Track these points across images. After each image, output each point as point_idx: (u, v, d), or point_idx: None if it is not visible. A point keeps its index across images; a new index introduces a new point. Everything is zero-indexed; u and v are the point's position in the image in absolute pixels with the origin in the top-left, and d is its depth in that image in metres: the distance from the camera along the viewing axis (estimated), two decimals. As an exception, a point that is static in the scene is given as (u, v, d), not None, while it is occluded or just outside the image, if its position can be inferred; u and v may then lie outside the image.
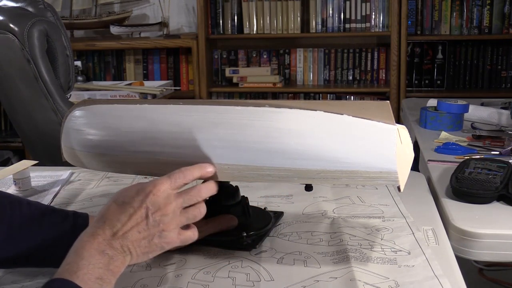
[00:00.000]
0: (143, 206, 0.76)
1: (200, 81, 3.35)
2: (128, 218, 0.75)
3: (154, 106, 0.89)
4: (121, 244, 0.74)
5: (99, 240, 0.73)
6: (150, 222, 0.75)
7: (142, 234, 0.75)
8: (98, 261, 0.72)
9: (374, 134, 0.79)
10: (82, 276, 0.69)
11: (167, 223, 0.76)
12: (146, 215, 0.75)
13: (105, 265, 0.72)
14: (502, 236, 0.99)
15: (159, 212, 0.76)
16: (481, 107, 1.84)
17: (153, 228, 0.76)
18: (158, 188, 0.77)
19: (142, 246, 0.75)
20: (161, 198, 0.76)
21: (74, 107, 0.95)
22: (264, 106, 0.83)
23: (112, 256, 0.73)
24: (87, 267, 0.70)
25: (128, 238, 0.74)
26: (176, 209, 0.77)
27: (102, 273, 0.71)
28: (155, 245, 0.76)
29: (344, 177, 0.79)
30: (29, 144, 2.03)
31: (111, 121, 0.90)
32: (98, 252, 0.72)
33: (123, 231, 0.75)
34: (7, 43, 1.77)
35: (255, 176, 0.81)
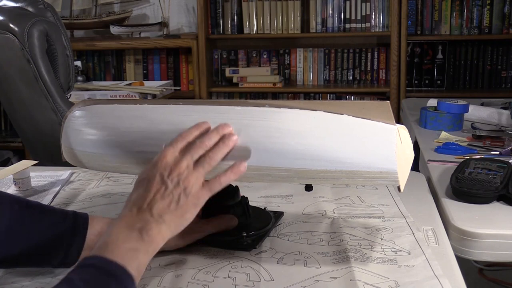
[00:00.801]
0: (156, 174, 0.77)
1: (200, 81, 3.35)
2: (147, 190, 0.76)
3: (154, 106, 0.89)
4: (150, 214, 0.74)
5: (126, 219, 0.74)
6: (169, 185, 0.76)
7: (167, 199, 0.75)
8: (127, 236, 0.71)
9: (374, 134, 0.79)
10: (111, 250, 0.69)
11: (186, 179, 0.77)
12: (162, 180, 0.76)
13: (136, 238, 0.71)
14: (502, 236, 0.99)
15: (173, 172, 0.76)
16: (481, 107, 1.84)
17: (174, 189, 0.76)
18: (164, 154, 0.78)
19: (173, 210, 0.75)
20: (170, 160, 0.77)
21: (74, 107, 0.95)
22: (264, 106, 0.83)
23: (142, 227, 0.72)
24: (116, 242, 0.70)
25: (155, 207, 0.74)
26: (189, 164, 0.78)
27: (134, 245, 0.71)
28: (186, 205, 0.76)
29: (344, 177, 0.79)
30: (29, 144, 2.03)
31: (111, 121, 0.90)
32: (126, 228, 0.72)
33: (147, 203, 0.75)
34: (7, 43, 1.77)
35: (255, 176, 0.81)
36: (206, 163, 0.78)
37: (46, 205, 0.90)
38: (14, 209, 0.84)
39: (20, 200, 0.87)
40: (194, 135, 0.81)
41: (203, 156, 0.79)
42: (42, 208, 0.87)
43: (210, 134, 0.80)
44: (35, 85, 1.78)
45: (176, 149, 0.79)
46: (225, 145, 0.80)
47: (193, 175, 0.77)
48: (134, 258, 0.70)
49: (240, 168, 0.79)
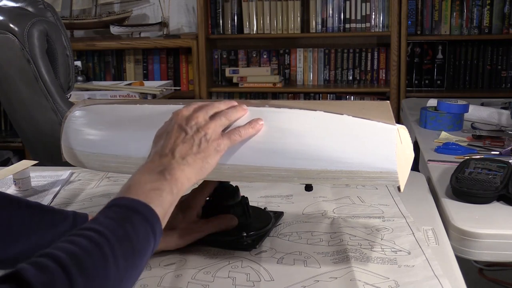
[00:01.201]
0: (175, 124, 0.79)
1: (200, 81, 3.35)
2: (167, 139, 0.77)
3: (154, 106, 0.89)
4: (172, 157, 0.75)
5: (148, 166, 0.75)
6: (189, 131, 0.78)
7: (188, 143, 0.77)
8: (148, 178, 0.72)
9: (374, 134, 0.79)
10: (134, 191, 0.69)
11: (205, 126, 0.78)
12: (181, 128, 0.78)
13: (159, 178, 0.72)
14: (502, 236, 0.99)
15: (191, 121, 0.79)
16: (481, 107, 1.84)
17: (195, 134, 0.78)
18: (181, 110, 0.81)
19: (195, 152, 0.76)
20: (186, 113, 0.80)
21: (74, 107, 0.95)
22: (264, 106, 0.83)
23: (164, 168, 0.73)
24: (138, 184, 0.71)
25: (177, 150, 0.76)
26: (206, 116, 0.80)
27: (157, 185, 0.71)
28: (207, 149, 0.77)
29: (344, 177, 0.79)
30: (29, 144, 2.03)
31: (111, 121, 0.90)
32: (148, 173, 0.73)
33: (168, 149, 0.76)
34: (7, 43, 1.77)
35: (255, 176, 0.81)
36: (222, 115, 0.81)
37: (46, 205, 0.90)
38: (14, 209, 0.84)
39: (20, 200, 0.87)
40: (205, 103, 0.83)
41: (218, 112, 0.81)
42: (42, 208, 0.87)
43: (220, 102, 0.83)
44: (35, 85, 1.78)
45: (190, 108, 0.81)
46: (237, 109, 0.82)
47: (211, 124, 0.79)
48: (157, 196, 0.70)
49: (258, 123, 0.81)
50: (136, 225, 0.65)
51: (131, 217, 0.66)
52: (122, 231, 0.64)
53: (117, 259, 0.61)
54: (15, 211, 0.84)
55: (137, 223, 0.66)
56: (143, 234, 0.66)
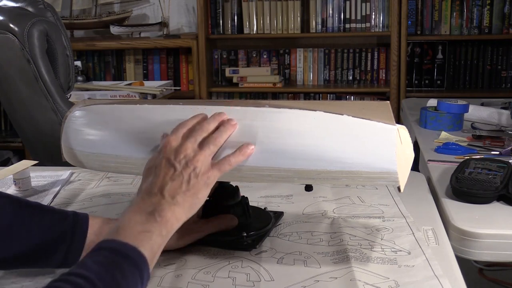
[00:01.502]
0: (163, 158, 0.77)
1: (200, 81, 3.35)
2: (156, 176, 0.76)
3: (154, 106, 0.89)
4: (161, 196, 0.74)
5: (137, 205, 0.73)
6: (177, 167, 0.76)
7: (177, 180, 0.75)
8: (139, 219, 0.71)
9: (374, 134, 0.79)
10: (123, 233, 0.68)
11: (194, 159, 0.77)
12: (170, 164, 0.76)
13: (149, 220, 0.71)
14: (502, 236, 0.99)
15: (179, 155, 0.77)
16: (481, 107, 1.84)
17: (183, 170, 0.76)
18: (167, 140, 0.79)
19: (185, 190, 0.75)
20: (174, 145, 0.78)
21: (74, 107, 0.95)
22: (264, 106, 0.83)
23: (154, 209, 0.72)
24: (128, 226, 0.70)
25: (166, 189, 0.74)
26: (194, 146, 0.78)
27: (147, 227, 0.70)
28: (197, 184, 0.76)
29: (344, 177, 0.79)
30: (29, 144, 2.03)
31: (111, 121, 0.90)
32: (138, 213, 0.72)
33: (158, 187, 0.75)
34: (7, 43, 1.77)
35: (255, 176, 0.81)
36: (211, 143, 0.79)
37: (46, 205, 0.90)
38: (14, 209, 0.84)
39: (20, 200, 0.86)
40: (193, 122, 0.82)
41: (207, 137, 0.80)
42: (42, 208, 0.87)
43: (209, 120, 0.82)
44: (35, 85, 1.78)
45: (179, 135, 0.79)
46: (226, 128, 0.81)
47: (200, 155, 0.77)
48: (147, 239, 0.69)
49: (248, 149, 0.80)
50: (125, 271, 0.65)
51: (120, 263, 0.65)
52: (110, 277, 0.63)
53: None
54: (16, 211, 0.83)
55: (126, 269, 0.65)
56: (132, 281, 0.65)
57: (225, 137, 0.80)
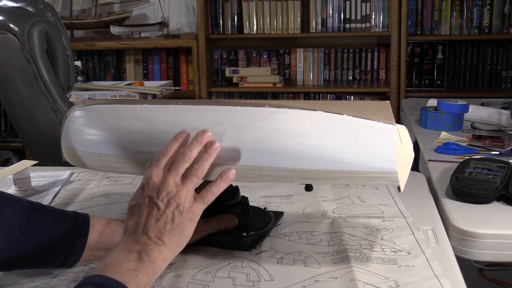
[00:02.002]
0: (145, 196, 0.76)
1: (200, 81, 3.35)
2: (140, 216, 0.75)
3: (154, 106, 0.89)
4: (147, 238, 0.73)
5: (125, 245, 0.73)
6: (161, 206, 0.75)
7: (161, 220, 0.74)
8: (126, 258, 0.70)
9: (374, 134, 0.79)
10: (110, 270, 0.68)
11: (176, 196, 0.75)
12: (153, 202, 0.75)
13: (136, 259, 0.70)
14: (502, 236, 0.99)
15: (162, 192, 0.75)
16: (481, 107, 1.84)
17: (167, 208, 0.75)
18: (149, 176, 0.77)
19: (170, 229, 0.74)
20: (156, 181, 0.76)
21: (74, 107, 0.95)
22: (264, 106, 0.83)
23: (141, 249, 0.72)
24: (115, 263, 0.69)
25: (151, 230, 0.73)
26: (177, 180, 0.76)
27: (134, 266, 0.70)
28: (182, 222, 0.75)
29: (344, 177, 0.79)
30: (29, 144, 2.03)
31: (111, 121, 0.90)
32: (125, 252, 0.71)
33: (142, 227, 0.74)
34: (7, 43, 1.77)
35: (255, 176, 0.81)
36: (193, 176, 0.77)
37: (46, 205, 0.90)
38: (16, 209, 0.83)
39: (20, 200, 0.86)
40: (174, 148, 0.79)
41: (189, 168, 0.78)
42: (43, 208, 0.87)
43: (191, 145, 0.79)
44: (35, 85, 1.78)
45: (160, 167, 0.77)
46: (209, 154, 0.78)
47: (183, 190, 0.76)
48: (133, 277, 0.69)
49: (229, 176, 0.79)
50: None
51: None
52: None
53: None
54: (17, 211, 0.83)
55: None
56: None
57: (207, 165, 0.78)
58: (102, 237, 0.88)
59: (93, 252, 0.88)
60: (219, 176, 0.79)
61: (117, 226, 0.90)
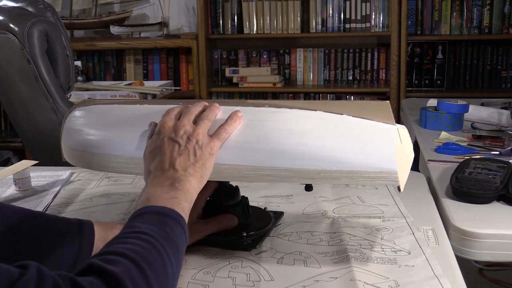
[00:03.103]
0: (164, 137, 0.80)
1: (200, 81, 3.35)
2: (162, 154, 0.79)
3: (154, 106, 0.89)
4: (175, 171, 0.77)
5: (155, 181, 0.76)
6: (181, 142, 0.79)
7: (184, 154, 0.78)
8: (162, 190, 0.74)
9: (374, 134, 0.79)
10: (154, 201, 0.72)
11: (194, 133, 0.80)
12: (173, 141, 0.79)
13: (172, 189, 0.74)
14: (502, 236, 0.99)
15: (179, 131, 0.80)
16: (481, 107, 1.84)
17: (188, 144, 0.79)
18: (163, 121, 0.82)
19: (193, 162, 0.78)
20: (171, 124, 0.81)
21: (74, 107, 0.95)
22: (264, 106, 0.83)
23: (173, 182, 0.75)
24: (155, 196, 0.73)
25: (176, 163, 0.77)
26: (190, 122, 0.81)
27: (173, 194, 0.73)
28: (203, 155, 0.79)
29: (344, 177, 0.79)
30: (29, 144, 2.03)
31: (111, 121, 0.90)
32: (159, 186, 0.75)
33: (168, 164, 0.77)
34: (7, 43, 1.77)
35: (255, 176, 0.81)
36: (204, 118, 0.82)
37: (50, 214, 0.89)
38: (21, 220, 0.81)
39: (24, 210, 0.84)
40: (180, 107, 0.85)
41: (197, 115, 0.83)
42: (46, 217, 0.85)
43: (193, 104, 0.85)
44: (35, 85, 1.78)
45: (171, 116, 0.83)
46: (211, 109, 0.84)
47: (198, 129, 0.81)
48: (177, 203, 0.72)
49: (237, 115, 0.83)
50: (172, 227, 0.68)
51: (165, 220, 0.69)
52: (164, 232, 0.67)
53: (170, 257, 0.65)
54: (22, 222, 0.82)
55: (172, 225, 0.69)
56: (179, 234, 0.69)
57: (214, 114, 0.84)
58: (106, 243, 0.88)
59: None
60: (229, 117, 0.83)
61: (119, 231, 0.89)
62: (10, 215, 0.82)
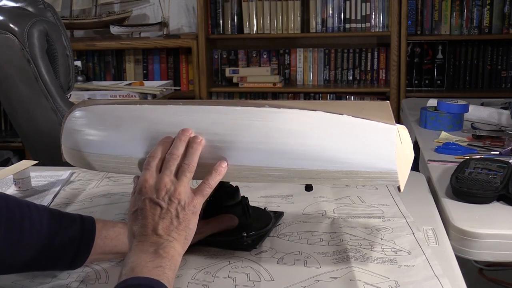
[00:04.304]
0: (145, 199, 0.77)
1: (200, 81, 3.35)
2: (145, 217, 0.76)
3: (154, 106, 0.89)
4: (158, 236, 0.75)
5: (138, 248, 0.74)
6: (163, 204, 0.76)
7: (167, 217, 0.76)
8: (147, 258, 0.72)
9: (374, 134, 0.79)
10: (140, 271, 0.70)
11: (176, 192, 0.77)
12: (154, 203, 0.77)
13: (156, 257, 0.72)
14: (502, 236, 0.99)
15: (161, 192, 0.77)
16: (481, 107, 1.84)
17: (170, 206, 0.76)
18: (144, 179, 0.79)
19: (176, 225, 0.76)
20: (152, 182, 0.78)
21: (74, 107, 0.95)
22: (264, 106, 0.83)
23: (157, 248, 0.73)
24: (140, 264, 0.71)
25: (159, 228, 0.75)
26: (172, 178, 0.78)
27: (158, 263, 0.72)
28: (186, 216, 0.77)
29: (344, 177, 0.79)
30: (29, 144, 2.03)
31: (111, 121, 0.90)
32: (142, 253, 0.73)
33: (151, 229, 0.75)
34: (7, 43, 1.77)
35: (255, 176, 0.81)
36: (186, 171, 0.79)
37: (54, 209, 0.89)
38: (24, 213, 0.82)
39: (28, 203, 0.85)
40: (161, 150, 0.81)
41: (180, 166, 0.80)
42: (49, 211, 0.86)
43: (176, 144, 0.81)
44: (35, 85, 1.78)
45: (152, 169, 0.79)
46: (194, 149, 0.81)
47: (180, 187, 0.78)
48: (162, 273, 0.71)
49: (222, 166, 0.81)
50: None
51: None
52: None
53: None
54: (25, 215, 0.82)
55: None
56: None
57: (196, 159, 0.80)
58: (107, 241, 0.88)
59: (97, 255, 0.88)
60: (213, 169, 0.81)
61: (121, 229, 0.90)
62: (13, 206, 0.82)
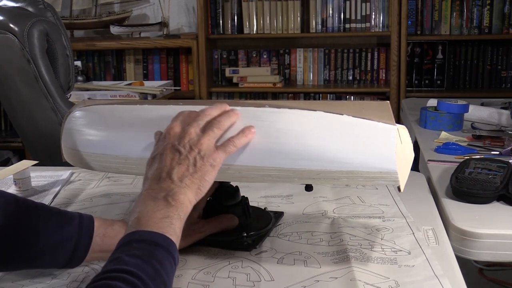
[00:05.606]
0: (168, 144, 0.78)
1: (200, 81, 3.35)
2: (162, 161, 0.76)
3: (154, 106, 0.89)
4: (170, 181, 0.74)
5: (148, 193, 0.74)
6: (182, 151, 0.76)
7: (184, 163, 0.76)
8: (155, 206, 0.72)
9: (374, 134, 0.79)
10: (145, 223, 0.70)
11: (198, 143, 0.77)
12: (175, 149, 0.77)
13: (165, 205, 0.72)
14: (502, 236, 0.99)
15: (183, 139, 0.77)
16: (481, 107, 1.84)
17: (189, 153, 0.76)
18: (170, 127, 0.79)
19: (192, 172, 0.76)
20: (177, 130, 0.79)
21: (74, 107, 0.95)
22: (264, 106, 0.83)
23: (167, 194, 0.73)
24: (146, 215, 0.71)
25: (173, 173, 0.75)
26: (197, 130, 0.78)
27: (165, 212, 0.71)
28: (203, 167, 0.76)
29: (344, 177, 0.79)
30: (29, 144, 2.03)
31: (111, 121, 0.90)
32: (151, 200, 0.73)
33: (165, 172, 0.75)
34: (7, 43, 1.77)
35: (255, 176, 0.81)
36: (214, 126, 0.79)
37: (53, 207, 0.89)
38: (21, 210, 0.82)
39: (26, 201, 0.85)
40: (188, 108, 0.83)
41: (209, 121, 0.80)
42: (48, 209, 0.86)
43: (212, 107, 0.82)
44: (35, 85, 1.78)
45: (181, 120, 0.80)
46: (229, 114, 0.81)
47: (204, 138, 0.78)
48: (168, 224, 0.70)
49: (251, 131, 0.80)
50: (161, 259, 0.67)
51: (154, 252, 0.67)
52: (151, 269, 0.65)
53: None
54: (23, 212, 0.82)
55: (161, 257, 0.67)
56: (168, 267, 0.67)
57: (228, 122, 0.81)
58: (106, 239, 0.88)
59: (96, 253, 0.88)
60: (241, 131, 0.80)
61: (120, 228, 0.90)
62: (11, 204, 0.82)
